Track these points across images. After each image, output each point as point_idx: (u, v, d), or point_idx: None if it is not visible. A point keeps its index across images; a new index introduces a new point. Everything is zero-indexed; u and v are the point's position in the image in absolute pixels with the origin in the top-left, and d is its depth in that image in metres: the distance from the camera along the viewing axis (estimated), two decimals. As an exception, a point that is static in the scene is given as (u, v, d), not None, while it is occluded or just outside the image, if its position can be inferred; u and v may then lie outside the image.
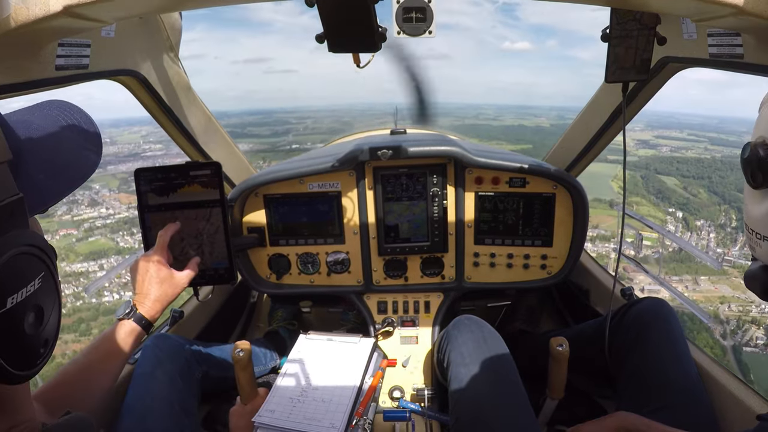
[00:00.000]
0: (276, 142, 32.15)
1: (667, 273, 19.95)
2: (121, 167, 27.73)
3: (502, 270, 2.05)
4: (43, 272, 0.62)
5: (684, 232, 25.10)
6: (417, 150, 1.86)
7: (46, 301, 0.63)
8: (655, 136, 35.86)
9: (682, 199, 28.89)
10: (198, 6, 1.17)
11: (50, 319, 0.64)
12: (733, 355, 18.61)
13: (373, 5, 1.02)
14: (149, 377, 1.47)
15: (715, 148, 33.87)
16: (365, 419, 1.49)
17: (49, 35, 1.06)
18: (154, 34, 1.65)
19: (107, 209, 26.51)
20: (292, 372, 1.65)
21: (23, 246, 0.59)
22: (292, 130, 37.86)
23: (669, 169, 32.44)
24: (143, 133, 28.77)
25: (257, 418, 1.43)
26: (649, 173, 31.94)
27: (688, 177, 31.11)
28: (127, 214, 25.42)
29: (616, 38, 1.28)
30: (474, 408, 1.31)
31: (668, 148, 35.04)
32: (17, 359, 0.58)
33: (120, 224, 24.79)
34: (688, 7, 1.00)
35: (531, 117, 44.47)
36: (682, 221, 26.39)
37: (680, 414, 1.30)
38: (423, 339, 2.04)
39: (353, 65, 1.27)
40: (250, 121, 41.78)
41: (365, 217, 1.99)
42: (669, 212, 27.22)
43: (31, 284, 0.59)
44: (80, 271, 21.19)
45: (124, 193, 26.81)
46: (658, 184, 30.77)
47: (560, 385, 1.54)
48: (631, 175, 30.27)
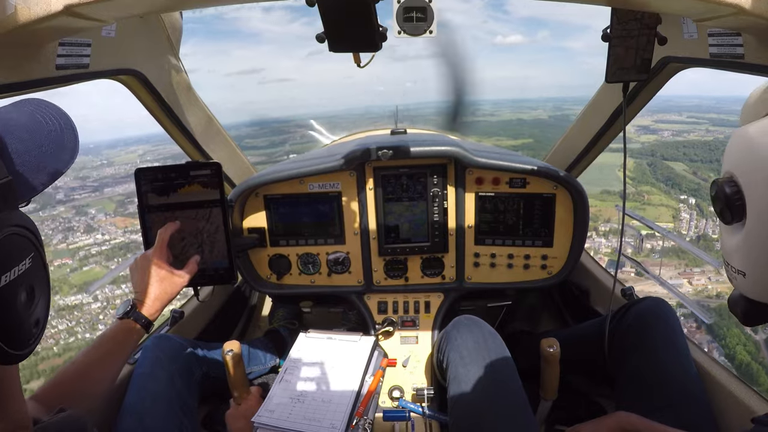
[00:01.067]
0: (273, 153, 31.96)
1: (687, 265, 19.64)
2: (118, 189, 26.96)
3: (503, 270, 2.05)
4: (33, 253, 0.63)
5: (699, 219, 24.03)
6: (417, 150, 1.86)
7: (36, 281, 0.63)
8: (654, 120, 34.61)
9: (693, 184, 27.68)
10: (198, 6, 1.17)
11: (40, 300, 0.65)
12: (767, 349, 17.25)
13: (374, 4, 1.02)
14: (149, 377, 1.47)
15: (716, 129, 32.75)
16: (365, 419, 1.48)
17: (49, 34, 1.06)
18: (155, 34, 1.65)
19: (103, 235, 25.70)
20: (292, 371, 1.65)
21: (14, 226, 0.59)
22: (290, 139, 37.56)
23: (676, 154, 31.27)
24: (140, 152, 28.12)
25: (256, 419, 1.43)
26: (656, 160, 30.86)
27: (696, 161, 29.90)
28: (123, 239, 24.77)
29: (616, 38, 1.28)
30: (473, 408, 1.30)
31: (670, 132, 34.01)
32: (11, 338, 0.58)
33: (115, 251, 23.99)
34: (688, 7, 1.00)
35: (528, 110, 43.84)
36: (696, 208, 25.19)
37: (680, 414, 1.29)
38: (423, 339, 2.04)
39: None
40: (247, 132, 41.47)
41: (366, 218, 1.99)
42: (681, 199, 26.06)
43: (22, 263, 0.60)
44: (74, 304, 20.17)
45: (120, 217, 26.16)
46: (666, 171, 29.67)
47: (553, 385, 1.53)
48: (638, 163, 29.43)
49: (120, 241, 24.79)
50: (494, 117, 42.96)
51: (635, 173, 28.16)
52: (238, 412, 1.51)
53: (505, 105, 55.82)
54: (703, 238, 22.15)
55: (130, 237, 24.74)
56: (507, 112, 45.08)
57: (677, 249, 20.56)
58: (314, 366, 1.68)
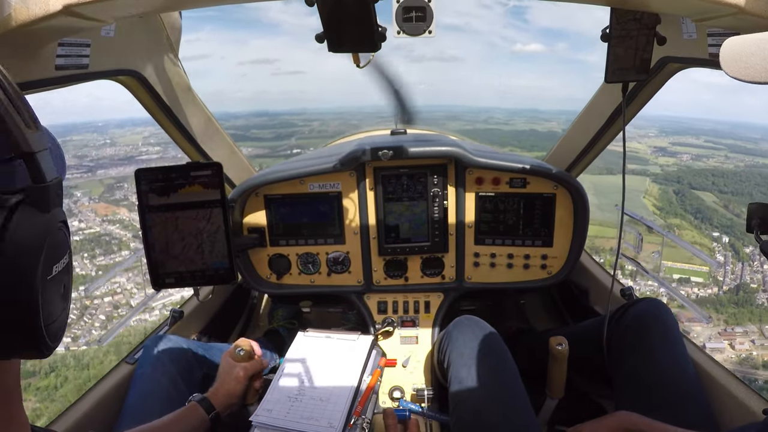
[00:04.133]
0: (277, 146, 30.49)
1: (727, 321, 17.24)
2: (111, 171, 26.42)
3: (503, 270, 2.05)
4: (69, 249, 0.65)
5: (735, 263, 20.73)
6: (418, 150, 1.86)
7: (69, 279, 0.65)
8: (671, 143, 33.14)
9: (725, 219, 24.37)
10: (198, 6, 1.17)
11: (68, 299, 0.66)
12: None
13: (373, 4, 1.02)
14: (150, 378, 1.47)
15: (735, 156, 30.91)
16: (363, 418, 1.48)
17: (48, 35, 1.06)
18: (154, 34, 1.65)
19: (80, 222, 24.73)
20: (290, 370, 1.65)
21: (61, 222, 0.63)
22: (297, 133, 36.15)
23: (705, 183, 28.26)
24: (145, 134, 27.61)
25: (255, 418, 1.43)
26: (683, 188, 27.81)
27: (726, 193, 26.85)
28: (99, 230, 23.89)
29: (616, 38, 1.28)
30: (475, 408, 1.30)
31: (689, 156, 31.89)
32: (52, 331, 0.60)
33: (85, 243, 22.91)
34: (688, 7, 1.00)
35: (542, 121, 42.67)
36: (730, 248, 21.69)
37: (678, 413, 1.29)
38: (423, 339, 2.04)
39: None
40: (256, 123, 39.84)
41: (366, 218, 1.99)
42: (714, 237, 22.84)
43: (64, 258, 0.62)
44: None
45: (104, 203, 25.48)
46: (695, 201, 26.64)
47: (560, 384, 1.54)
48: (663, 190, 27.02)
49: (94, 231, 23.92)
50: (508, 126, 41.92)
51: (662, 202, 25.89)
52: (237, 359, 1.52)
53: (519, 114, 54.79)
54: (742, 289, 19.18)
55: (106, 228, 23.78)
56: (521, 122, 44.09)
57: (714, 300, 18.16)
58: (312, 365, 1.68)
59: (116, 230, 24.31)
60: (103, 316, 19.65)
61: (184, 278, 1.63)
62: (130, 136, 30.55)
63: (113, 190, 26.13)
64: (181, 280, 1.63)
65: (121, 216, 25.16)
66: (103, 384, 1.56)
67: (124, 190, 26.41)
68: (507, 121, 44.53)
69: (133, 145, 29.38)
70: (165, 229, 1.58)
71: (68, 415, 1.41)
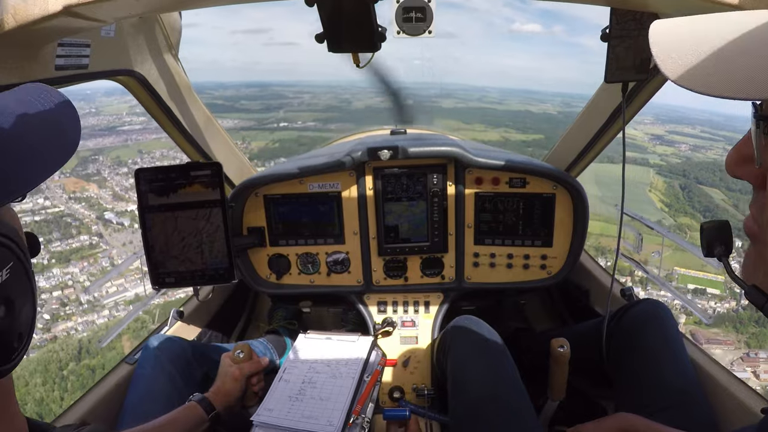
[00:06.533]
0: (263, 119, 28.93)
1: (748, 344, 16.48)
2: (89, 143, 24.79)
3: (502, 270, 2.05)
4: (11, 263, 0.57)
5: None
6: (417, 150, 1.86)
7: (17, 293, 0.59)
8: (668, 131, 32.16)
9: (736, 221, 23.73)
10: (198, 6, 1.17)
11: (23, 313, 0.60)
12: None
13: (373, 5, 1.02)
14: (150, 378, 1.47)
15: None
16: (363, 417, 1.49)
17: (48, 35, 1.06)
18: (154, 34, 1.65)
19: (45, 199, 22.39)
20: (291, 371, 1.65)
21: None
22: (286, 105, 34.61)
23: (712, 179, 26.53)
24: (133, 103, 27.70)
25: (256, 417, 1.43)
26: (689, 182, 26.39)
27: (734, 191, 25.10)
28: (63, 208, 21.91)
29: (615, 38, 1.28)
30: (475, 408, 1.30)
31: (686, 146, 30.83)
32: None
33: (43, 226, 20.73)
34: (687, 7, 1.00)
35: (537, 102, 41.50)
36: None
37: (677, 415, 1.29)
38: (423, 339, 2.04)
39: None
40: (246, 93, 37.87)
41: (365, 218, 1.99)
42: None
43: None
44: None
45: (75, 177, 23.79)
46: (703, 198, 25.43)
47: (561, 386, 1.54)
48: (669, 183, 25.80)
49: (58, 211, 22.04)
50: (502, 106, 40.56)
51: (668, 197, 24.88)
52: (236, 361, 1.52)
53: (513, 94, 53.47)
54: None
55: (71, 206, 22.25)
56: (515, 102, 42.76)
57: (733, 317, 17.11)
58: (313, 365, 1.69)
59: (81, 209, 22.84)
60: (47, 315, 18.08)
61: (184, 278, 1.63)
62: (116, 105, 28.93)
63: (86, 164, 24.84)
64: (180, 280, 1.64)
65: (90, 193, 23.76)
66: (103, 384, 1.56)
67: (98, 164, 25.24)
68: (501, 101, 43.37)
69: (117, 114, 27.79)
70: (165, 229, 1.58)
71: (68, 415, 1.42)
